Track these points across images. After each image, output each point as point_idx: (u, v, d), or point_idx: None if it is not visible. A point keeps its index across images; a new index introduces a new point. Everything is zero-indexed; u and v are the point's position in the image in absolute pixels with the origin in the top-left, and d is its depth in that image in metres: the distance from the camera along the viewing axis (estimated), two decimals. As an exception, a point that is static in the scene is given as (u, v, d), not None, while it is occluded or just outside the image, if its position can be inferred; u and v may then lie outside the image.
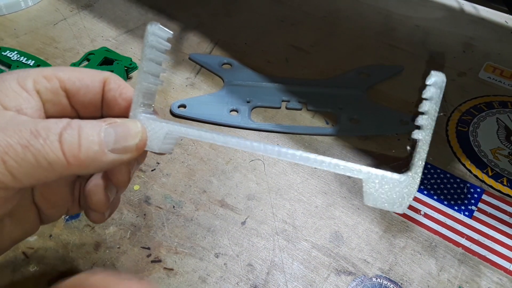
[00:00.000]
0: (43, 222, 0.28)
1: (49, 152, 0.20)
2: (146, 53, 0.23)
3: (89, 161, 0.21)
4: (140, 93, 0.24)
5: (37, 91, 0.24)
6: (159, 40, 0.23)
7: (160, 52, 0.24)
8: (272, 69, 0.58)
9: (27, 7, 0.66)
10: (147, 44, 0.23)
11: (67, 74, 0.25)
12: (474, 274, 0.39)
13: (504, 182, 0.46)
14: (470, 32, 0.66)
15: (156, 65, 0.24)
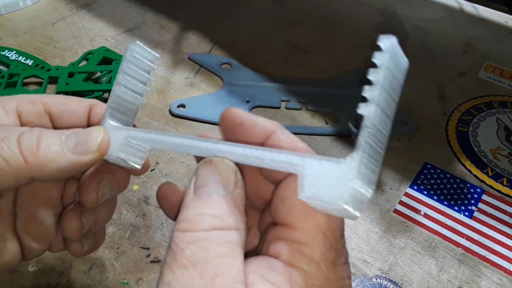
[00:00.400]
0: (25, 258, 0.27)
1: (5, 149, 0.20)
2: (122, 66, 0.23)
3: (48, 160, 0.21)
4: (110, 104, 0.23)
5: (19, 113, 0.24)
6: (140, 58, 0.24)
7: (143, 71, 0.24)
8: (271, 69, 0.58)
9: (25, 7, 0.66)
10: (124, 58, 0.23)
11: (52, 99, 0.25)
12: (474, 275, 0.39)
13: (504, 182, 0.46)
14: (470, 32, 0.66)
15: (136, 81, 0.24)
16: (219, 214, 0.19)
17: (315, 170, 0.18)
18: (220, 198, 0.20)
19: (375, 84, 0.17)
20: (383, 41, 0.18)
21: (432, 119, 0.52)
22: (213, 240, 0.18)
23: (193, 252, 0.18)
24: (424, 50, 0.62)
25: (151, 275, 0.37)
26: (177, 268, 0.18)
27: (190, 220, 0.19)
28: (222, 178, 0.20)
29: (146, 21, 0.65)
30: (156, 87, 0.55)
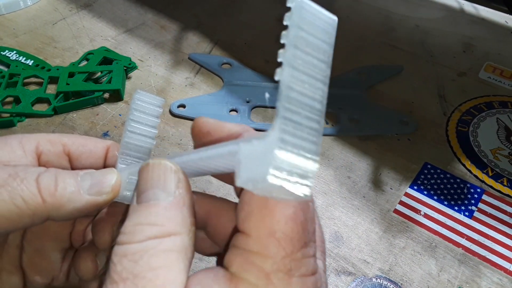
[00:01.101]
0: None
1: (24, 189, 0.20)
2: (129, 114, 0.24)
3: (64, 200, 0.21)
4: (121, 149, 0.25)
5: (38, 153, 0.25)
6: (146, 106, 0.25)
7: (150, 116, 0.25)
8: (271, 69, 0.58)
9: (26, 7, 0.66)
10: (131, 107, 0.25)
11: (72, 139, 0.26)
12: (474, 275, 0.39)
13: (504, 182, 0.46)
14: (470, 32, 0.66)
15: (145, 127, 0.25)
16: (157, 222, 0.18)
17: (247, 151, 0.16)
18: (160, 203, 0.19)
19: (286, 45, 0.16)
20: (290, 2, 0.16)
21: (432, 119, 0.52)
22: (147, 251, 0.17)
23: (124, 266, 0.17)
24: (424, 50, 0.62)
25: (151, 275, 0.37)
26: (109, 284, 0.17)
27: (127, 232, 0.19)
28: (160, 181, 0.20)
29: (146, 21, 0.65)
30: (156, 87, 0.55)
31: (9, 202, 0.20)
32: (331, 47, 0.17)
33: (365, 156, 0.48)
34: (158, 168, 0.20)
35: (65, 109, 0.51)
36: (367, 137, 0.50)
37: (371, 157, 0.48)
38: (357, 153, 0.48)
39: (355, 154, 0.48)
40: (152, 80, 0.55)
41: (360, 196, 0.44)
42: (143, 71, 0.57)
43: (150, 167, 0.20)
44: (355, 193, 0.44)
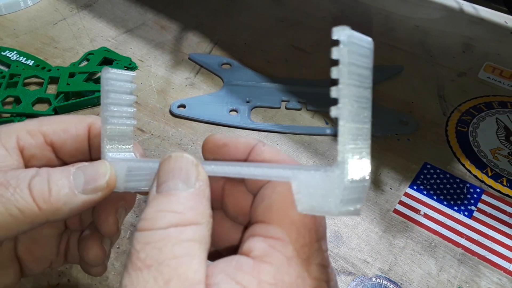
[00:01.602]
0: (24, 275, 0.27)
1: (19, 199, 0.20)
2: (102, 98, 0.23)
3: (60, 204, 0.21)
4: (104, 138, 0.23)
5: (20, 148, 0.24)
6: (118, 83, 0.23)
7: (123, 94, 0.24)
8: (271, 69, 0.58)
9: (26, 7, 0.66)
10: (102, 89, 0.23)
11: (52, 127, 0.25)
12: (473, 274, 0.39)
13: (503, 182, 0.46)
14: (469, 33, 0.66)
15: (122, 107, 0.24)
16: (178, 209, 0.19)
17: (308, 182, 0.18)
18: (180, 193, 0.19)
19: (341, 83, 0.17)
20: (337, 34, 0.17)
21: (432, 119, 0.52)
22: (169, 239, 0.18)
23: (147, 253, 0.18)
24: (423, 50, 0.62)
25: (151, 275, 0.37)
26: (132, 271, 0.17)
27: (148, 218, 0.19)
28: (182, 173, 0.20)
29: (146, 21, 0.65)
30: (156, 87, 0.55)
31: (5, 214, 0.20)
32: (371, 71, 0.18)
33: (365, 156, 0.48)
34: (180, 161, 0.21)
35: (65, 109, 0.51)
36: (367, 137, 0.50)
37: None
38: (357, 153, 0.48)
39: (355, 154, 0.48)
40: (152, 80, 0.56)
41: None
42: (143, 71, 0.57)
43: (173, 159, 0.21)
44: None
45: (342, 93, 0.17)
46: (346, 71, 0.17)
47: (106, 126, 0.23)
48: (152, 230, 0.18)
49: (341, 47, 0.17)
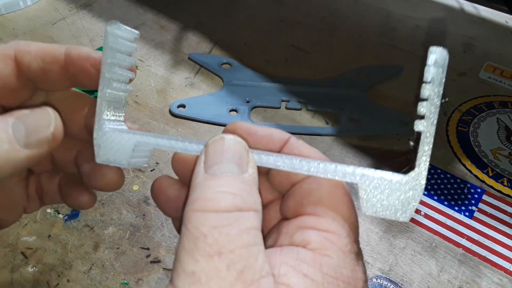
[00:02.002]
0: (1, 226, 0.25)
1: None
2: (106, 57, 0.21)
3: (1, 162, 0.18)
4: (103, 102, 0.21)
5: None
6: (122, 41, 0.21)
7: (125, 55, 0.22)
8: (271, 69, 0.58)
9: (26, 7, 0.65)
10: (107, 46, 0.21)
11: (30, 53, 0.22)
12: (474, 275, 0.39)
13: (504, 182, 0.46)
14: (470, 32, 0.66)
15: (121, 69, 0.22)
16: (238, 192, 0.18)
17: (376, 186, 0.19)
18: (236, 176, 0.18)
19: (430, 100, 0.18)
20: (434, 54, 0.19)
21: (433, 119, 0.52)
22: (237, 225, 0.17)
23: (216, 239, 0.16)
24: (424, 50, 0.62)
25: (151, 275, 0.37)
26: (200, 257, 0.16)
27: (209, 198, 0.17)
28: (235, 156, 0.19)
29: (146, 21, 0.65)
30: (156, 87, 0.55)
31: None
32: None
33: (365, 156, 0.48)
34: (234, 144, 0.19)
35: (64, 109, 0.51)
36: (367, 137, 0.50)
37: (371, 157, 0.48)
38: (357, 153, 0.48)
39: (355, 154, 0.48)
40: (152, 80, 0.55)
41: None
42: (143, 71, 0.56)
43: (226, 140, 0.19)
44: (355, 193, 0.44)
45: (430, 110, 0.18)
46: (437, 92, 0.18)
47: (107, 90, 0.21)
48: (218, 212, 0.17)
49: (436, 67, 0.19)
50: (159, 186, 0.23)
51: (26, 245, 0.39)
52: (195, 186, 0.18)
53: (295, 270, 0.17)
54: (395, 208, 0.19)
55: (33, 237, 0.39)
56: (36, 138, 0.19)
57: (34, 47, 0.22)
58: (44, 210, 0.41)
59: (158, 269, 0.38)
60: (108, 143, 0.21)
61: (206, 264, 0.16)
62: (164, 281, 0.37)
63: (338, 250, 0.18)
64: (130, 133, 0.21)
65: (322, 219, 0.19)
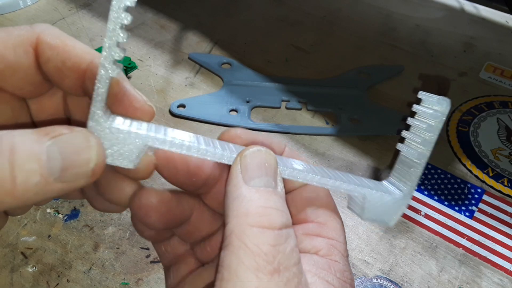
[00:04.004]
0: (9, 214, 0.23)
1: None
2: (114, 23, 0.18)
3: (29, 195, 0.16)
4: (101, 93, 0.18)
5: None
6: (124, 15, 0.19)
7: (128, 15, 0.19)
8: (272, 69, 0.58)
9: (25, 7, 0.65)
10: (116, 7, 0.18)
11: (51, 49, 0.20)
12: (474, 275, 0.38)
13: (504, 182, 0.46)
14: (470, 32, 0.65)
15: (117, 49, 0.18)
16: (282, 208, 0.18)
17: (375, 200, 0.22)
18: (276, 191, 0.19)
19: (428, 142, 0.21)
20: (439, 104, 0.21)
21: (433, 119, 0.52)
22: (289, 243, 0.18)
23: (274, 257, 0.17)
24: (424, 50, 0.62)
25: (151, 276, 0.37)
26: (262, 275, 0.17)
27: (261, 213, 0.18)
28: (272, 171, 0.19)
29: (146, 20, 0.65)
30: (156, 87, 0.55)
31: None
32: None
33: (365, 156, 0.48)
34: (270, 158, 0.20)
35: (64, 109, 0.51)
36: (367, 137, 0.50)
37: (371, 157, 0.48)
38: (357, 153, 0.48)
39: (355, 154, 0.48)
40: (152, 80, 0.55)
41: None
42: (143, 71, 0.56)
43: (264, 154, 0.20)
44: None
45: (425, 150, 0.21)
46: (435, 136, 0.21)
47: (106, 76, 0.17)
48: (274, 230, 0.17)
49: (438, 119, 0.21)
50: (147, 203, 0.21)
51: (26, 245, 0.39)
52: (238, 196, 0.18)
53: (319, 277, 0.19)
54: (387, 217, 0.22)
55: (32, 237, 0.39)
56: (73, 173, 0.17)
57: (60, 44, 0.20)
58: (44, 210, 0.41)
59: (158, 269, 0.38)
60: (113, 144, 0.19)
61: (267, 282, 0.17)
62: (164, 281, 0.37)
63: (341, 256, 0.20)
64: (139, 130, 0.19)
65: (325, 227, 0.21)
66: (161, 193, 0.21)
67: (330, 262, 0.20)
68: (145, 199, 0.21)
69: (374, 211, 0.22)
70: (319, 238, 0.21)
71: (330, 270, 0.19)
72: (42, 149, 0.16)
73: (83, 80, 0.20)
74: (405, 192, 0.22)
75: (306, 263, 0.19)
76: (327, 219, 0.21)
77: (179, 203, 0.22)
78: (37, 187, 0.16)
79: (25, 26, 0.20)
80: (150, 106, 0.21)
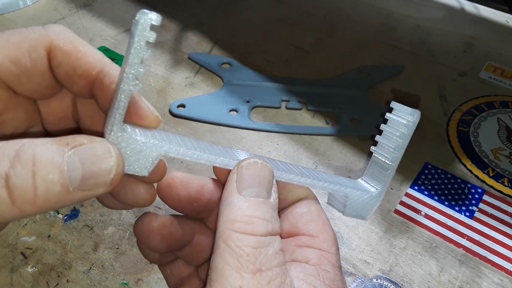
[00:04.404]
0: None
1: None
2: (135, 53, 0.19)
3: (49, 204, 0.16)
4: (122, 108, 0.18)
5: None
6: (149, 33, 0.19)
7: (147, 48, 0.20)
8: (272, 68, 0.58)
9: (25, 7, 0.65)
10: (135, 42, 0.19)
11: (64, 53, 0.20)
12: (475, 275, 0.38)
13: (505, 182, 0.46)
14: (471, 32, 0.65)
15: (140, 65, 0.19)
16: (268, 218, 0.20)
17: (355, 198, 0.24)
18: (266, 202, 0.21)
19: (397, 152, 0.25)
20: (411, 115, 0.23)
21: (433, 119, 0.52)
22: (272, 247, 0.19)
23: (257, 258, 0.19)
24: (424, 49, 0.62)
25: (150, 276, 0.37)
26: (245, 273, 0.18)
27: (246, 222, 0.19)
28: (266, 182, 0.21)
29: (146, 20, 0.65)
30: (156, 87, 0.54)
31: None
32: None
33: (365, 156, 0.48)
34: (265, 170, 0.21)
35: (64, 109, 0.50)
36: (367, 137, 0.50)
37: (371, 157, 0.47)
38: (358, 153, 0.48)
39: (355, 154, 0.48)
40: (151, 79, 0.55)
41: (361, 196, 0.44)
42: (143, 71, 0.56)
43: (259, 166, 0.21)
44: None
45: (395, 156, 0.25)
46: (406, 144, 0.24)
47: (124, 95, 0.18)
48: (256, 236, 0.19)
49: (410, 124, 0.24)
50: (149, 227, 0.22)
51: (25, 245, 0.39)
52: (230, 204, 0.20)
53: (306, 282, 0.20)
54: (364, 212, 0.24)
55: (32, 237, 0.39)
56: (92, 182, 0.17)
57: (72, 50, 0.20)
58: (43, 210, 0.41)
59: (157, 270, 0.38)
60: (128, 152, 0.19)
61: (250, 280, 0.18)
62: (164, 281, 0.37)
63: (332, 266, 0.22)
64: (155, 140, 0.19)
65: (316, 239, 0.22)
66: (162, 218, 0.23)
67: (320, 270, 0.21)
68: (146, 224, 0.22)
69: (353, 207, 0.24)
70: (310, 249, 0.22)
71: (318, 277, 0.21)
72: (63, 159, 0.16)
73: (92, 86, 0.21)
74: (380, 190, 0.25)
75: (295, 269, 0.21)
76: (318, 232, 0.23)
77: (181, 226, 0.23)
78: (58, 197, 0.16)
79: (39, 28, 0.20)
80: (157, 116, 0.22)
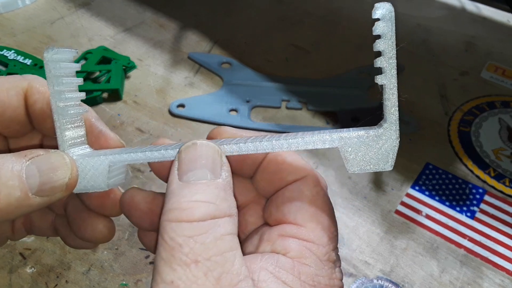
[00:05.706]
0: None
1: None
2: (53, 85, 0.20)
3: (11, 208, 0.18)
4: (62, 132, 0.21)
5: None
6: (64, 65, 0.21)
7: (70, 77, 0.21)
8: (272, 68, 0.57)
9: (24, 6, 0.65)
10: (51, 75, 0.20)
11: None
12: (476, 276, 0.38)
13: (506, 183, 0.45)
14: (472, 31, 0.65)
15: (74, 93, 0.21)
16: (211, 200, 0.18)
17: (356, 144, 0.19)
18: (211, 183, 0.19)
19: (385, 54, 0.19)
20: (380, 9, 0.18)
21: (434, 119, 0.52)
22: (211, 233, 0.17)
23: (191, 248, 0.17)
24: (425, 49, 0.62)
25: (150, 277, 0.37)
26: (177, 266, 0.17)
27: (183, 208, 0.18)
28: (208, 162, 0.19)
29: (145, 20, 0.64)
30: (155, 87, 0.54)
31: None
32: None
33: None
34: (206, 149, 0.20)
35: (63, 109, 0.50)
36: (368, 137, 0.49)
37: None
38: (358, 153, 0.48)
39: (356, 154, 0.48)
40: (151, 79, 0.55)
41: (361, 196, 0.44)
42: (142, 71, 0.56)
43: (198, 147, 0.20)
44: (356, 194, 0.44)
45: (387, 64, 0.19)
46: (390, 45, 0.19)
47: (60, 120, 0.21)
48: (192, 222, 0.17)
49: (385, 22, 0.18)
50: (131, 201, 0.22)
51: (24, 245, 0.38)
52: (169, 194, 0.19)
53: (274, 276, 0.18)
54: (377, 159, 0.20)
55: (31, 238, 0.39)
56: (49, 187, 0.19)
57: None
58: (42, 210, 0.41)
59: (157, 270, 0.37)
60: (81, 171, 0.21)
61: (183, 273, 0.16)
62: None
63: (316, 259, 0.19)
64: (101, 155, 0.21)
65: (302, 229, 0.20)
66: (144, 193, 0.22)
67: (297, 264, 0.19)
68: (129, 197, 0.22)
69: (360, 158, 0.20)
70: (292, 239, 0.20)
71: (292, 271, 0.19)
72: (22, 166, 0.18)
73: None
74: (390, 121, 0.20)
75: (265, 261, 0.19)
76: (306, 220, 0.20)
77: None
78: (18, 201, 0.18)
79: (18, 75, 0.23)
80: (122, 143, 0.23)
